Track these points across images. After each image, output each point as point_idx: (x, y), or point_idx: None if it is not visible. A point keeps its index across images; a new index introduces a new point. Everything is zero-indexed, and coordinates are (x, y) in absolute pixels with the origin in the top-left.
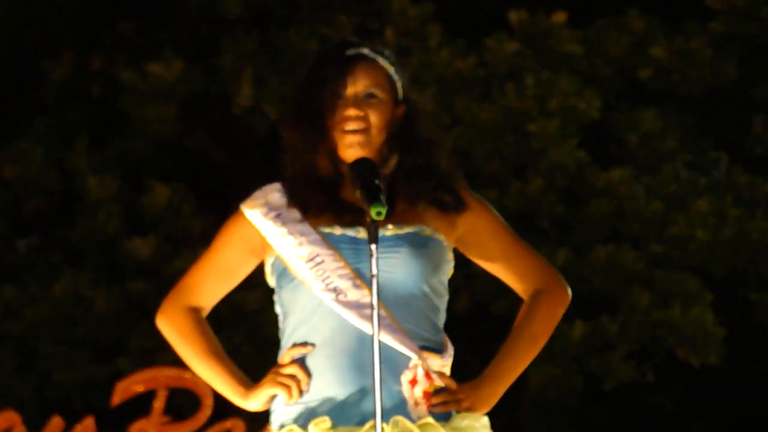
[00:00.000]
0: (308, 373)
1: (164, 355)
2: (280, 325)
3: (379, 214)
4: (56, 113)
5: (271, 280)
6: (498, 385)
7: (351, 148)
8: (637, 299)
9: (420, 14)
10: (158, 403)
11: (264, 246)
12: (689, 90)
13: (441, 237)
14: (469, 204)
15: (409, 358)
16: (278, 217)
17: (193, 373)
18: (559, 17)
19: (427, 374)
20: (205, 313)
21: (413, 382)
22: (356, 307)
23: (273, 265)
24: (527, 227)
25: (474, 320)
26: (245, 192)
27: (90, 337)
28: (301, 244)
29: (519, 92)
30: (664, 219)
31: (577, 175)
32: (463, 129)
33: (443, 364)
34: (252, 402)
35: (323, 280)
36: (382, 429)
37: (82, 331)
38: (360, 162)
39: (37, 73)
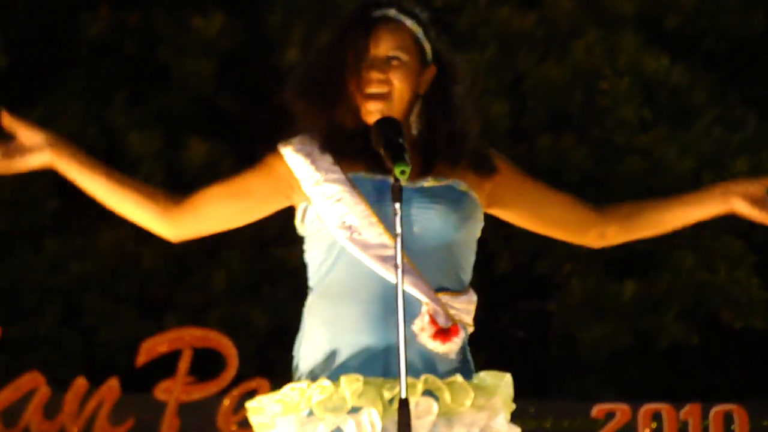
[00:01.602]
0: (336, 320)
1: (213, 313)
2: (310, 274)
3: (403, 172)
4: (92, 68)
5: (300, 228)
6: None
7: (372, 113)
8: (681, 261)
9: None
10: (183, 364)
11: (292, 189)
12: (716, 43)
13: (474, 194)
14: (499, 167)
15: (419, 303)
16: (309, 155)
17: (218, 334)
18: None
19: (432, 320)
20: (177, 201)
21: (422, 329)
22: (369, 247)
23: (304, 210)
24: (558, 181)
25: (514, 279)
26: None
27: (137, 293)
28: (323, 180)
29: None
30: (699, 178)
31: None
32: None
33: (464, 302)
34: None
35: (339, 217)
36: (414, 384)
37: (128, 287)
38: (383, 121)
39: (72, 28)
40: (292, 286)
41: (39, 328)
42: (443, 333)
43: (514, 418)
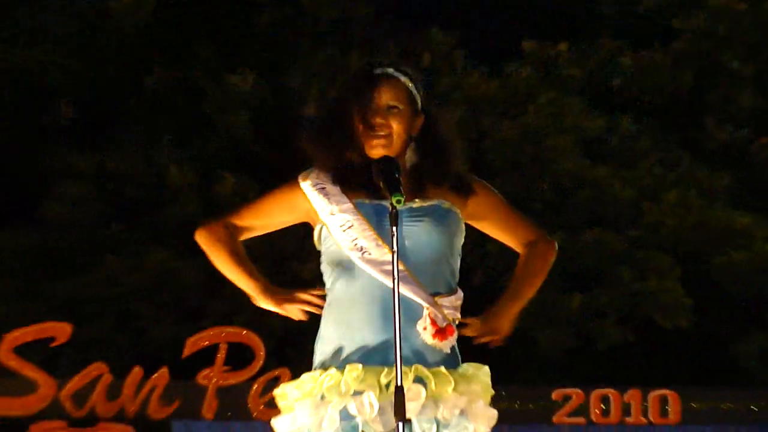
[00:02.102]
0: (345, 321)
1: (239, 318)
2: (325, 280)
3: (398, 201)
4: (146, 119)
5: (317, 243)
6: (508, 314)
7: (376, 149)
8: (620, 274)
9: (448, 41)
10: (220, 355)
11: (309, 215)
12: (652, 97)
13: (456, 210)
14: (475, 188)
15: (421, 308)
16: (323, 189)
17: (249, 332)
18: (563, 46)
19: (433, 322)
20: (240, 237)
21: (425, 328)
22: (377, 263)
23: (320, 231)
24: (524, 210)
25: (487, 291)
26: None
27: (177, 301)
28: (337, 211)
29: (537, 112)
30: (639, 207)
31: (577, 175)
32: (490, 143)
33: (454, 300)
34: (266, 301)
35: (351, 240)
36: (406, 372)
37: (170, 297)
38: (382, 160)
39: (132, 85)
40: None
41: (100, 329)
42: (442, 332)
43: (491, 401)
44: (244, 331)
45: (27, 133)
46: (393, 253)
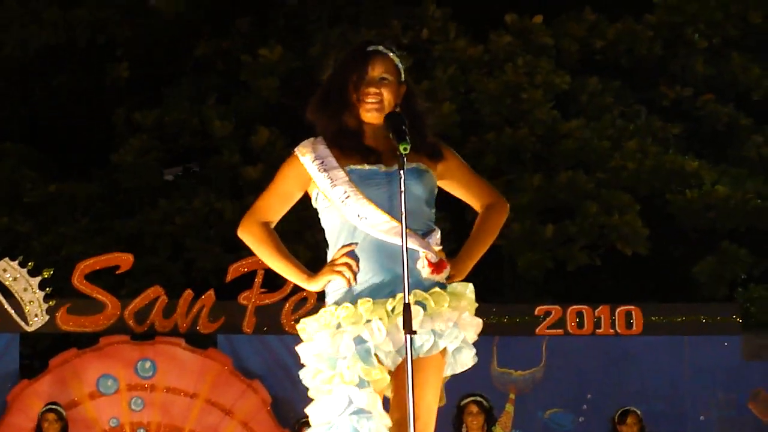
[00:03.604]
0: (357, 263)
1: None
2: (327, 236)
3: (405, 149)
4: (193, 81)
5: (315, 204)
6: (468, 263)
7: (369, 113)
8: (588, 209)
9: (442, 15)
10: (257, 280)
11: (310, 180)
12: (628, 61)
13: (431, 171)
14: (445, 155)
15: (418, 251)
16: (321, 163)
17: None
18: (538, 18)
19: (429, 262)
20: (273, 225)
21: (423, 267)
22: (375, 224)
23: (317, 195)
24: (515, 159)
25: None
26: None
27: (220, 236)
28: (336, 185)
29: (515, 71)
30: (605, 153)
31: (551, 126)
32: (476, 95)
33: (436, 237)
34: (314, 285)
35: (352, 209)
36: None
37: (214, 233)
38: (392, 114)
39: (182, 50)
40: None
41: (155, 261)
42: (437, 267)
43: (483, 316)
44: None
45: (93, 90)
46: (401, 192)
